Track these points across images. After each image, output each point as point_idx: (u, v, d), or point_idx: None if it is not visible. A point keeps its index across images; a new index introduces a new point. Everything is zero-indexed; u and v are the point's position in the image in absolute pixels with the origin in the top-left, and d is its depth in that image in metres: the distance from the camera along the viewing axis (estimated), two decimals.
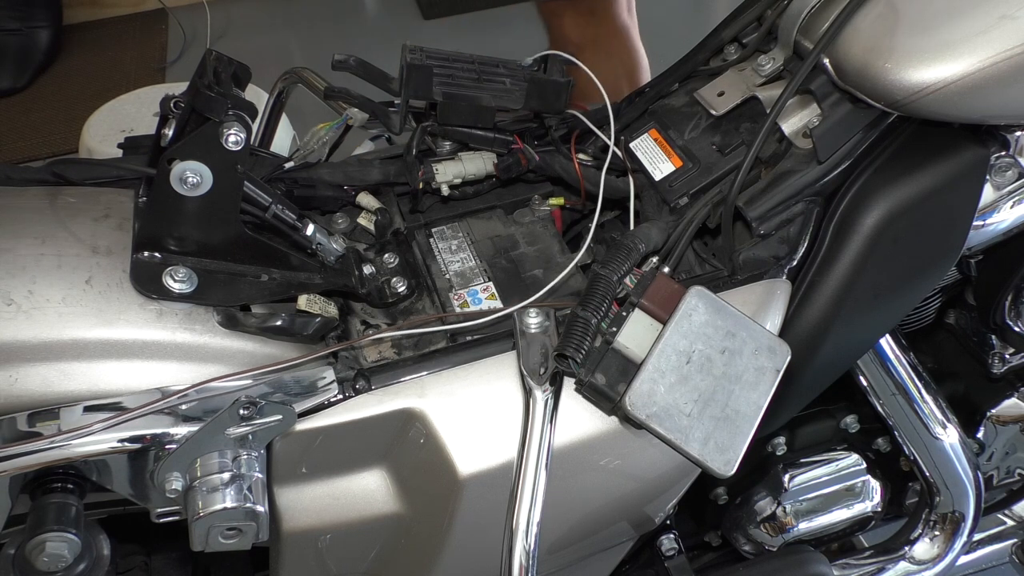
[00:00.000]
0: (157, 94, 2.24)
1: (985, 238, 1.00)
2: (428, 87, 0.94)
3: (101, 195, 0.88)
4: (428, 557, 0.87)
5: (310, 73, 1.11)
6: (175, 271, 0.78)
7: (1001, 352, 1.24)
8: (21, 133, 2.90)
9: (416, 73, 0.93)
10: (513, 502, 0.79)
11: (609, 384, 0.78)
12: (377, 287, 0.93)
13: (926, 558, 1.28)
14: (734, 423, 0.77)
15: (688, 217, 0.94)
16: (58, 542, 0.76)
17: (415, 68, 0.93)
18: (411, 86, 0.94)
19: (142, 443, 0.76)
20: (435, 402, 0.81)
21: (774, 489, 1.24)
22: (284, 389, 0.79)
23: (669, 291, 0.80)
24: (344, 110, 1.02)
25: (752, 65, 1.00)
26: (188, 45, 3.30)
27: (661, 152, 1.01)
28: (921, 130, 0.91)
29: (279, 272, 0.83)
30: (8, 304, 0.76)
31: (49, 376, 0.76)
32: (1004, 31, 0.81)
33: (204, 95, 0.76)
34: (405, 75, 0.94)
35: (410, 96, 0.95)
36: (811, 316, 0.90)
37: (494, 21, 3.35)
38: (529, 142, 1.02)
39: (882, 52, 0.85)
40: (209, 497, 0.75)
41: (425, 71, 0.94)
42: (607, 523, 0.93)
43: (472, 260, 0.97)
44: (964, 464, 1.19)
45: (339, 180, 1.00)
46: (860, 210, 0.89)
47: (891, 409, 1.16)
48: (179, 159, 0.76)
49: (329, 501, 0.84)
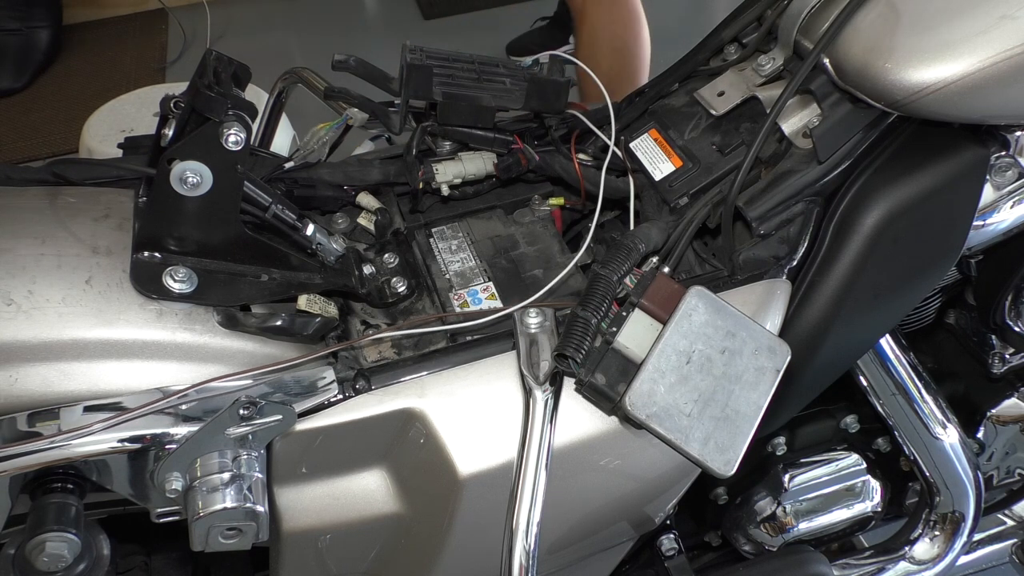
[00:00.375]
0: (157, 94, 2.24)
1: (985, 238, 1.00)
2: (428, 87, 0.94)
3: (101, 195, 0.88)
4: (428, 557, 0.87)
5: (310, 73, 1.11)
6: (175, 271, 0.78)
7: (1001, 352, 1.24)
8: (21, 133, 2.90)
9: (416, 73, 0.94)
10: (513, 502, 0.79)
11: (609, 384, 0.78)
12: (377, 287, 0.93)
13: (926, 558, 1.28)
14: (734, 423, 0.77)
15: (688, 217, 0.94)
16: (58, 542, 0.76)
17: (415, 68, 0.93)
18: (411, 86, 0.94)
19: (142, 443, 0.76)
20: (435, 402, 0.81)
21: (774, 489, 1.24)
22: (284, 389, 0.79)
23: (669, 291, 0.80)
24: (344, 110, 1.02)
25: (752, 65, 1.00)
26: (188, 45, 3.30)
27: (661, 152, 1.01)
28: (921, 130, 0.91)
29: (279, 272, 0.83)
30: (8, 304, 0.76)
31: (49, 376, 0.76)
32: (1004, 31, 0.81)
33: (204, 95, 0.76)
34: (405, 75, 0.94)
35: (410, 96, 0.95)
36: (811, 316, 0.90)
37: (494, 21, 3.36)
38: (529, 142, 1.02)
39: (882, 52, 0.85)
40: (209, 497, 0.75)
41: (425, 71, 0.94)
42: (607, 523, 0.93)
43: (472, 260, 0.97)
44: (964, 464, 1.19)
45: (339, 180, 1.00)
46: (860, 210, 0.89)
47: (891, 409, 1.16)
48: (179, 159, 0.76)
49: (329, 501, 0.84)
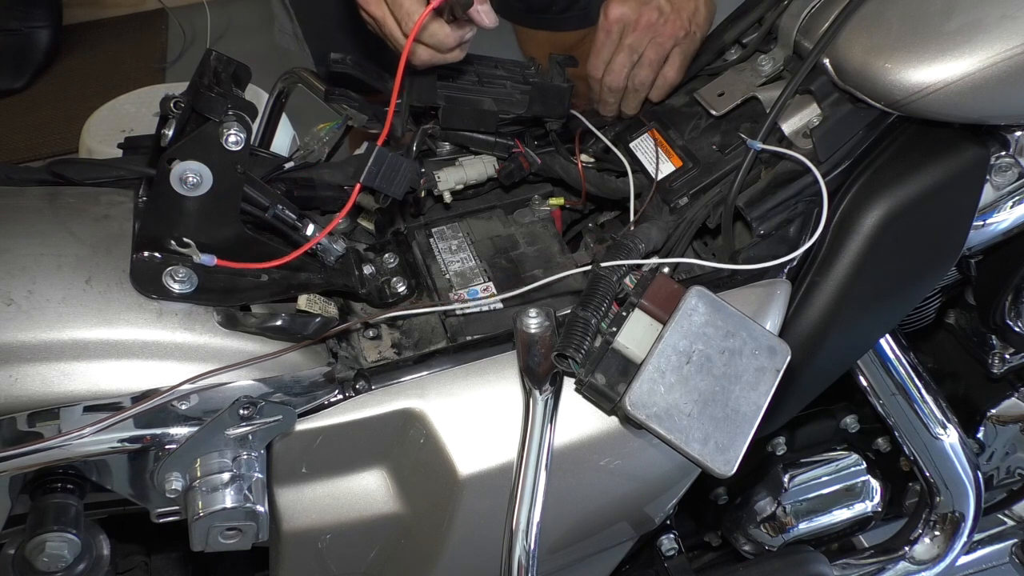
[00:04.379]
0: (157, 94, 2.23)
1: (985, 238, 1.00)
2: (432, 91, 0.94)
3: (101, 195, 0.88)
4: (428, 557, 0.86)
5: (310, 73, 1.11)
6: (175, 271, 0.78)
7: (1001, 352, 1.24)
8: (21, 133, 2.90)
9: (419, 77, 0.93)
10: (513, 502, 0.79)
11: (609, 384, 0.78)
12: (377, 287, 0.93)
13: (926, 558, 1.28)
14: (734, 423, 0.77)
15: (688, 217, 0.94)
16: (58, 542, 0.76)
17: (418, 72, 0.93)
18: (414, 90, 0.94)
19: (142, 443, 0.76)
20: (435, 402, 0.81)
21: (774, 489, 1.24)
22: (284, 389, 0.79)
23: (669, 291, 0.80)
24: (345, 111, 1.02)
25: (752, 65, 1.01)
26: (188, 45, 3.29)
27: (661, 152, 1.01)
28: (921, 130, 0.91)
29: (279, 272, 0.83)
30: (8, 304, 0.76)
31: (49, 376, 0.75)
32: (1005, 31, 0.82)
33: (204, 95, 0.76)
34: (407, 79, 0.93)
35: (413, 100, 0.95)
36: (811, 316, 0.90)
37: None
38: (529, 143, 1.02)
39: (882, 52, 0.85)
40: (209, 497, 0.74)
41: (428, 75, 0.93)
42: (607, 523, 0.93)
43: (472, 260, 0.97)
44: (964, 464, 1.19)
45: (339, 180, 1.00)
46: (860, 210, 0.89)
47: (891, 409, 1.16)
48: (179, 159, 0.75)
49: (329, 501, 0.84)
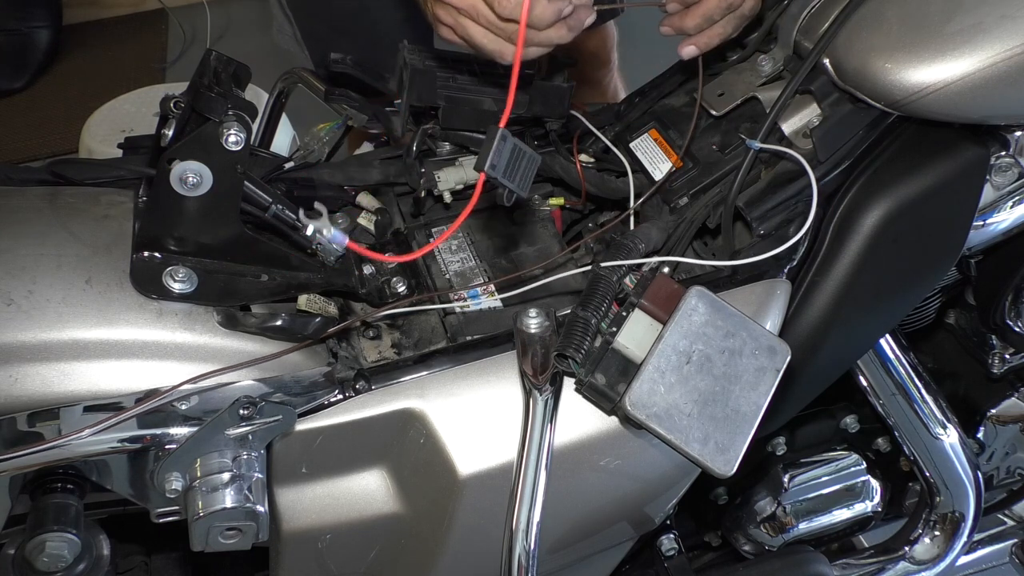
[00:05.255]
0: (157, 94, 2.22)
1: (985, 238, 1.00)
2: (432, 91, 0.94)
3: (101, 195, 0.88)
4: (428, 557, 0.86)
5: (310, 73, 1.11)
6: (175, 271, 0.78)
7: (1001, 352, 1.24)
8: (21, 133, 2.89)
9: (419, 77, 0.93)
10: (513, 502, 0.79)
11: (609, 384, 0.78)
12: (377, 287, 0.93)
13: (926, 558, 1.28)
14: (734, 423, 0.77)
15: (688, 217, 0.94)
16: (58, 542, 0.76)
17: (418, 72, 0.93)
18: (414, 90, 0.94)
19: (142, 443, 0.76)
20: (435, 402, 0.81)
21: (774, 489, 1.24)
22: (284, 389, 0.79)
23: (669, 291, 0.80)
24: (345, 111, 1.02)
25: (752, 65, 1.00)
26: (188, 45, 3.29)
27: (661, 152, 1.01)
28: (921, 130, 0.91)
29: (279, 272, 0.83)
30: (8, 304, 0.76)
31: (49, 376, 0.76)
32: (1005, 31, 0.82)
33: (204, 95, 0.76)
34: (408, 79, 0.93)
35: (413, 100, 0.95)
36: (811, 316, 0.90)
37: None
38: (529, 143, 1.02)
39: (882, 52, 0.85)
40: (209, 497, 0.74)
41: (429, 75, 0.93)
42: (607, 523, 0.93)
43: (472, 260, 0.97)
44: (964, 464, 1.19)
45: (339, 180, 1.00)
46: (860, 210, 0.89)
47: (891, 409, 1.16)
48: (179, 159, 0.75)
49: (329, 501, 0.84)
